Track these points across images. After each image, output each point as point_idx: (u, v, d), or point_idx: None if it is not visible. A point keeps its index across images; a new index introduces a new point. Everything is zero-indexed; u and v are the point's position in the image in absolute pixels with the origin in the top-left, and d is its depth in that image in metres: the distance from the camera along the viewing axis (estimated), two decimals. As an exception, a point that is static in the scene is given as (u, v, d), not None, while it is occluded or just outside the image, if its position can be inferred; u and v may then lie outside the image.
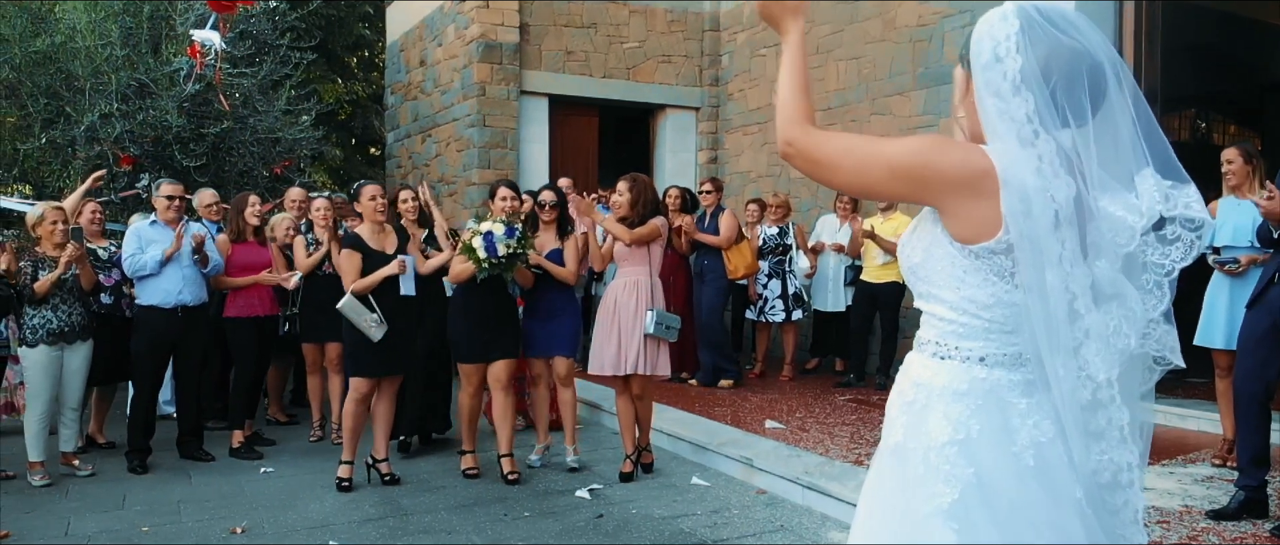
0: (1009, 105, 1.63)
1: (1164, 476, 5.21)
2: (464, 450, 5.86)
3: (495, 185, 5.86)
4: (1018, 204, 1.61)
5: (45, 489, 5.61)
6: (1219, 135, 14.61)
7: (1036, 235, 1.61)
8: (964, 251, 1.69)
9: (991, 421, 1.69)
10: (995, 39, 1.66)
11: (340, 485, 5.56)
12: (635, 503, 5.32)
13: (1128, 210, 1.67)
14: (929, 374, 1.76)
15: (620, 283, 5.74)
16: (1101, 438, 1.69)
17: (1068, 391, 1.66)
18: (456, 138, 11.34)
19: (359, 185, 5.79)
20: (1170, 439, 6.12)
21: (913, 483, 1.72)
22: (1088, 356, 1.66)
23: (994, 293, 1.70)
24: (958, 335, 1.74)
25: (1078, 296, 1.64)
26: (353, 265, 5.49)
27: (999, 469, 1.67)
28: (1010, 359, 1.72)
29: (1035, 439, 1.68)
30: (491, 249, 5.29)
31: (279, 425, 7.45)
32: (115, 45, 8.59)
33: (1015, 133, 1.63)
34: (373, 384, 5.58)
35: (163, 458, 6.21)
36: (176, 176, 8.46)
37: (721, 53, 11.96)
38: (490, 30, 10.65)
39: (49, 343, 5.66)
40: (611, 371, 5.64)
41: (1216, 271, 5.49)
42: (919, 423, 1.75)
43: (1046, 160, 1.61)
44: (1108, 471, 1.70)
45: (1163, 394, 6.98)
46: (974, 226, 1.67)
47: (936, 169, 1.67)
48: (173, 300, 5.99)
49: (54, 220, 5.75)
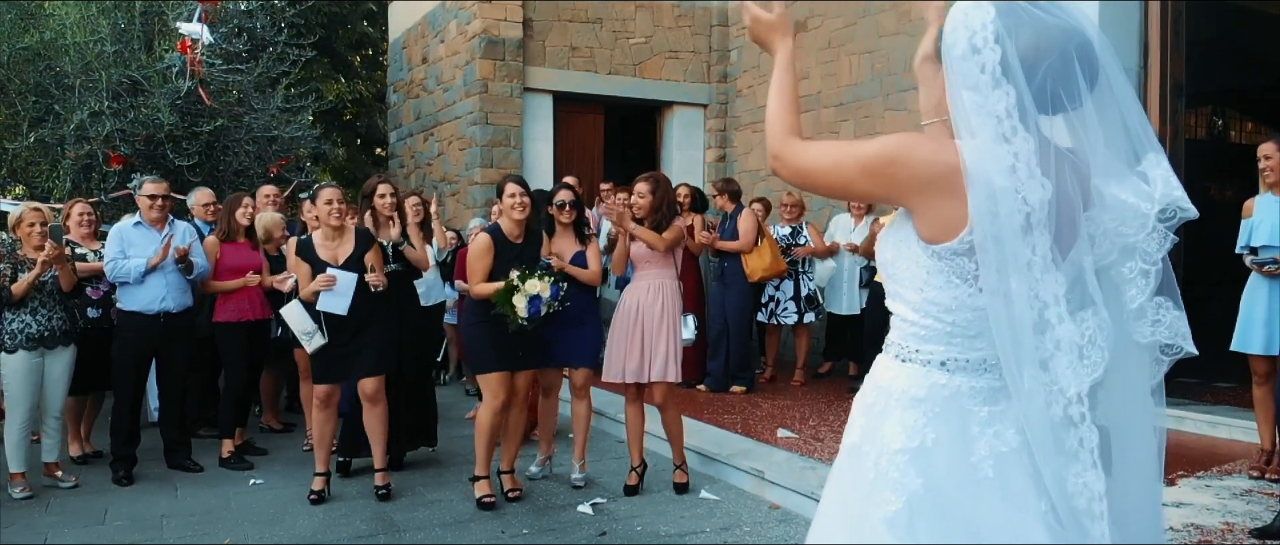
0: (987, 99, 1.57)
1: (1200, 490, 4.93)
2: (477, 476, 5.29)
3: (502, 182, 5.35)
4: (985, 203, 1.55)
5: (26, 501, 5.38)
6: (1236, 132, 14.36)
7: (1003, 238, 1.55)
8: (928, 251, 1.65)
9: (949, 429, 1.66)
10: (971, 29, 1.60)
11: (311, 497, 5.32)
12: (640, 518, 5.05)
13: (1140, 197, 1.61)
14: (889, 377, 1.74)
15: (643, 285, 5.41)
16: (1075, 458, 1.61)
17: (1038, 406, 1.60)
18: (459, 136, 11.11)
19: (317, 188, 5.50)
20: (1200, 448, 5.84)
21: (865, 486, 1.70)
22: (1058, 370, 1.59)
23: (956, 296, 1.65)
24: (919, 338, 1.70)
25: (1049, 305, 1.58)
26: (302, 274, 5.28)
27: (953, 479, 1.64)
28: (973, 365, 1.67)
29: (995, 449, 1.64)
30: (536, 313, 4.94)
31: (273, 433, 7.20)
32: (105, 41, 8.37)
33: (992, 129, 1.57)
34: (333, 389, 5.33)
35: (150, 468, 5.98)
36: (169, 176, 8.24)
37: (730, 48, 11.70)
38: (493, 26, 10.41)
39: (29, 348, 5.43)
40: (633, 379, 5.32)
41: (1254, 272, 5.22)
42: (876, 426, 1.72)
43: (1022, 159, 1.54)
44: (1082, 497, 1.61)
45: (1190, 400, 6.75)
46: (940, 226, 1.63)
47: (904, 165, 1.63)
48: (156, 307, 5.76)
49: (32, 222, 5.53)
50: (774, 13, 1.89)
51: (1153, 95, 6.96)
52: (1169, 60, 6.98)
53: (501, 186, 5.29)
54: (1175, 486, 4.97)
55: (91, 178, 8.51)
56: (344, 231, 5.36)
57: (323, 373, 5.33)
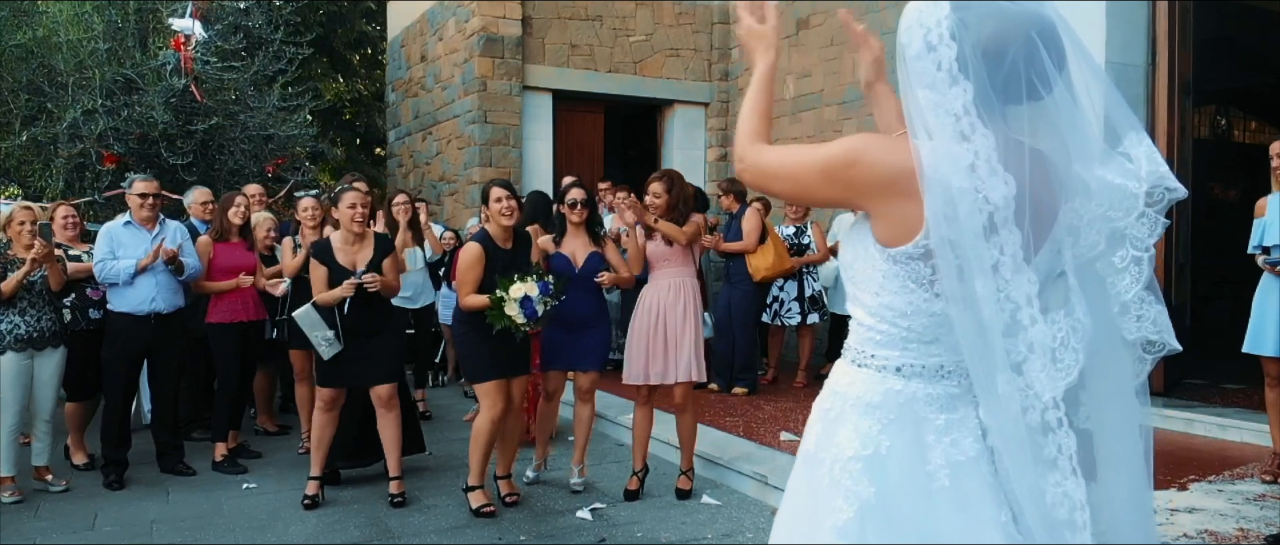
0: (945, 97, 1.51)
1: (1213, 495, 4.82)
2: (472, 486, 5.10)
3: (488, 187, 5.15)
4: (941, 206, 1.50)
5: (14, 506, 5.28)
6: (1240, 131, 14.27)
7: (962, 241, 1.50)
8: (884, 255, 1.62)
9: (903, 437, 1.62)
10: (926, 26, 1.55)
11: (305, 502, 5.22)
12: (641, 524, 4.94)
13: (1126, 177, 1.55)
14: (845, 382, 1.71)
15: (663, 284, 5.27)
16: (1054, 466, 1.55)
17: (1013, 412, 1.54)
18: (458, 135, 11.01)
19: (340, 189, 5.34)
20: (1211, 451, 5.74)
21: (819, 493, 1.68)
22: (1033, 374, 1.53)
23: (912, 301, 1.61)
24: (875, 343, 1.67)
25: (1021, 307, 1.52)
26: (319, 277, 5.12)
27: (906, 489, 1.60)
28: (929, 371, 1.64)
29: (951, 458, 1.60)
30: (532, 314, 4.77)
31: (268, 436, 7.09)
32: (99, 39, 8.26)
33: (950, 127, 1.51)
34: (338, 393, 5.22)
35: (142, 471, 5.88)
36: (163, 175, 8.14)
37: (731, 46, 11.60)
38: (492, 23, 10.32)
39: (17, 349, 5.33)
40: (657, 381, 5.19)
41: (1266, 273, 5.12)
42: (831, 432, 1.69)
43: (982, 156, 1.49)
44: (1062, 507, 1.55)
45: (1199, 402, 6.65)
46: (896, 229, 1.59)
47: (861, 167, 1.60)
48: (146, 307, 5.64)
49: (22, 221, 5.43)
50: (767, 23, 1.88)
51: (1161, 93, 6.88)
52: (1176, 58, 6.92)
53: (486, 191, 5.12)
54: (1187, 491, 4.87)
55: (85, 177, 8.42)
56: (365, 236, 5.24)
57: (331, 377, 5.19)
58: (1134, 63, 6.87)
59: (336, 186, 5.95)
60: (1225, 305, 10.60)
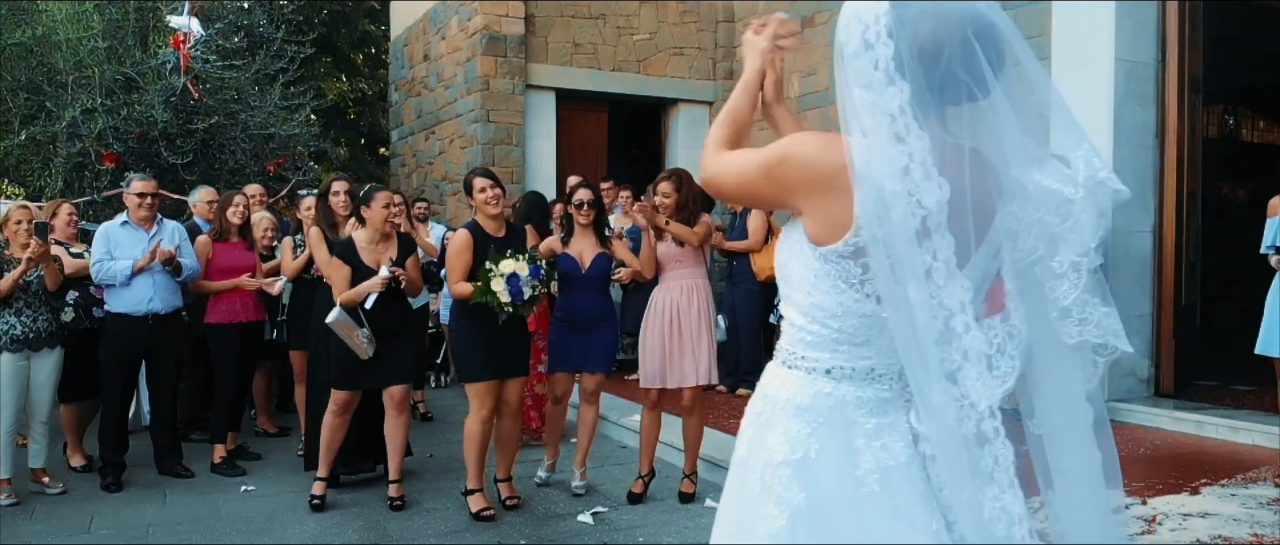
0: (881, 97, 1.48)
1: (1225, 499, 4.74)
2: (471, 489, 5.03)
3: (470, 176, 5.05)
4: (873, 206, 1.47)
5: (10, 508, 5.22)
6: (1248, 130, 14.18)
7: (894, 244, 1.46)
8: (815, 254, 1.59)
9: (833, 441, 1.59)
10: (864, 23, 1.52)
11: (313, 503, 5.16)
12: (643, 529, 4.87)
13: (1062, 182, 1.50)
14: (776, 385, 1.68)
15: (676, 286, 5.17)
16: (991, 480, 1.51)
17: (950, 423, 1.50)
18: (460, 135, 10.95)
19: (370, 189, 5.24)
20: (1222, 454, 5.66)
21: (751, 501, 1.65)
22: (968, 383, 1.49)
23: (842, 301, 1.58)
24: (805, 344, 1.64)
25: (954, 314, 1.48)
26: (342, 277, 5.01)
27: (836, 494, 1.58)
28: (860, 374, 1.61)
29: (881, 463, 1.57)
30: (517, 293, 4.68)
31: (268, 437, 7.03)
32: (98, 37, 8.20)
33: (886, 128, 1.47)
34: (353, 397, 5.14)
35: (140, 473, 5.81)
36: (163, 174, 8.08)
37: (736, 45, 11.49)
38: (494, 22, 10.25)
39: (13, 350, 5.27)
40: (674, 384, 5.10)
41: (1279, 273, 5.04)
42: (761, 437, 1.67)
43: (917, 159, 1.45)
44: (1000, 523, 1.52)
45: (1210, 404, 6.57)
46: (826, 226, 1.56)
47: (788, 165, 1.59)
48: (143, 308, 5.58)
49: (19, 220, 5.37)
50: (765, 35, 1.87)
51: (1171, 91, 6.81)
52: (1186, 56, 6.84)
53: (469, 182, 5.01)
54: (1198, 495, 4.79)
55: (84, 176, 8.36)
56: (390, 236, 5.18)
57: (349, 379, 5.10)
58: (1143, 60, 6.79)
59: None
60: (1234, 305, 10.54)
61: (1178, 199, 6.81)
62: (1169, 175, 6.82)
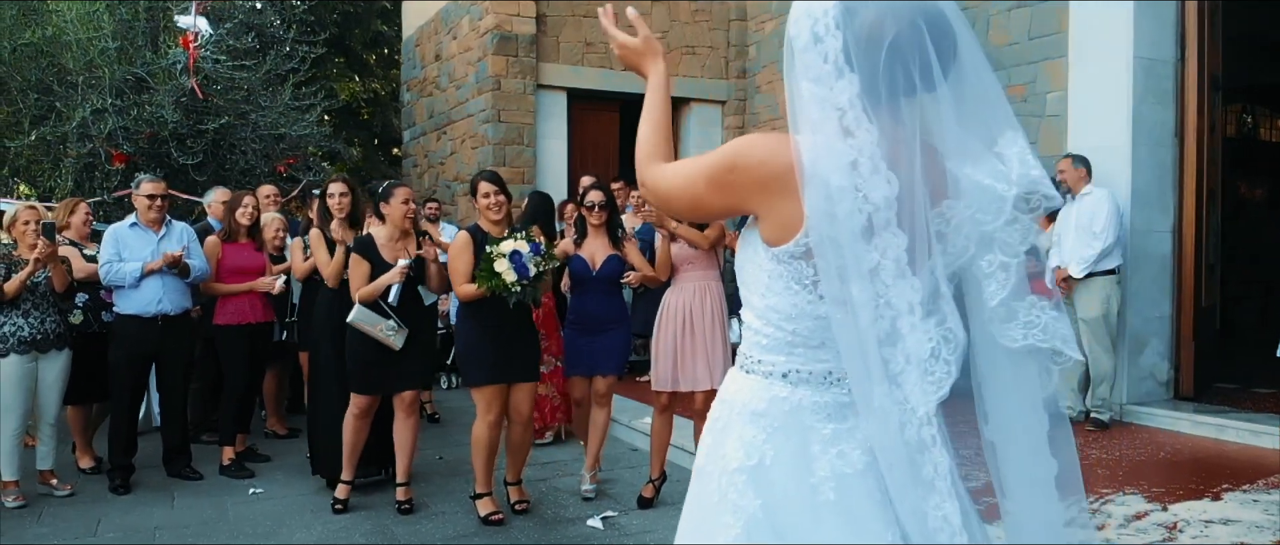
0: (831, 91, 1.44)
1: (1248, 505, 4.64)
2: (480, 493, 4.98)
3: (475, 179, 5.01)
4: (821, 203, 1.44)
5: (17, 511, 5.20)
6: (1266, 129, 14.00)
7: (841, 241, 1.44)
8: (769, 255, 1.56)
9: (788, 447, 1.56)
10: (814, 16, 1.47)
11: (335, 506, 5.12)
12: (653, 533, 4.80)
13: (996, 179, 1.45)
14: (733, 390, 1.66)
15: (689, 287, 5.10)
16: (933, 488, 1.48)
17: (892, 429, 1.47)
18: (471, 134, 10.91)
19: (389, 185, 5.22)
20: (1244, 459, 5.56)
21: (708, 508, 1.62)
22: (909, 387, 1.46)
23: (796, 303, 1.55)
24: (761, 347, 1.62)
25: (902, 314, 1.45)
26: (361, 274, 4.95)
27: (792, 501, 1.54)
28: (816, 377, 1.57)
29: (838, 470, 1.53)
30: (522, 270, 4.59)
31: (277, 439, 6.99)
32: (108, 37, 8.18)
33: (835, 122, 1.44)
34: (373, 400, 5.10)
35: (149, 476, 5.78)
36: (173, 175, 8.06)
37: (748, 43, 11.45)
38: (506, 21, 10.21)
39: (21, 352, 5.24)
40: (687, 388, 5.04)
41: (1303, 275, 4.93)
42: (719, 443, 1.64)
43: (865, 153, 1.42)
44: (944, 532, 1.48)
45: (1231, 407, 6.48)
46: (779, 227, 1.53)
47: (742, 168, 1.54)
48: (152, 309, 5.55)
49: (26, 221, 5.36)
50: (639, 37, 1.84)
51: (1190, 89, 6.71)
52: (1206, 53, 6.75)
53: (475, 184, 4.97)
54: (1220, 501, 4.70)
55: (94, 177, 8.35)
56: (409, 234, 5.14)
57: (366, 384, 5.06)
58: (1163, 58, 6.70)
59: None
60: (1254, 305, 10.40)
61: (1198, 199, 6.71)
62: (1188, 174, 6.73)
